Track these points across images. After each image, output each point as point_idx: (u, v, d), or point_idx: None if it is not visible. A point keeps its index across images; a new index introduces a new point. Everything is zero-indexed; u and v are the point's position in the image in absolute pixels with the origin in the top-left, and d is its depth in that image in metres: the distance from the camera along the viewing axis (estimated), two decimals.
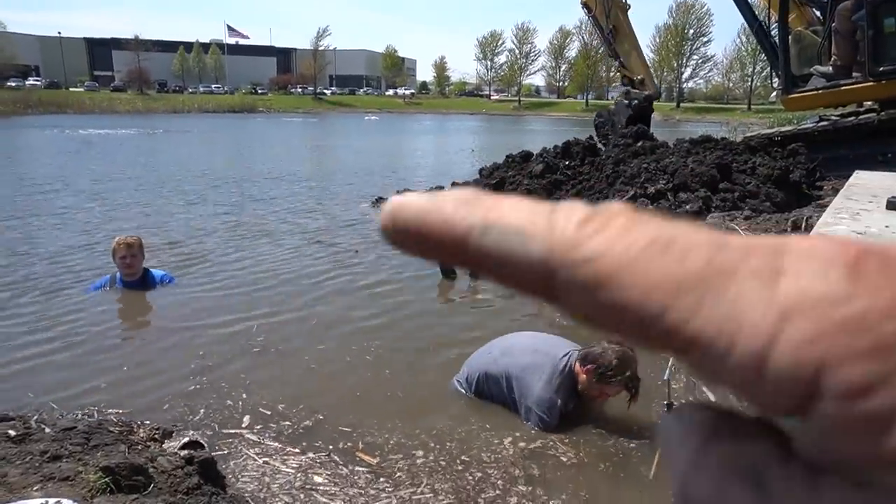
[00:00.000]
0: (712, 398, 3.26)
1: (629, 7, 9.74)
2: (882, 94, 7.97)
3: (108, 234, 6.78)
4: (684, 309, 0.14)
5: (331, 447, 2.82)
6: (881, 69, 7.59)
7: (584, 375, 2.95)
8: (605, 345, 2.95)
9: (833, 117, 9.00)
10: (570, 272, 0.15)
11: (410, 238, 0.18)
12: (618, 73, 9.94)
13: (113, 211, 8.81)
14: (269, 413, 3.12)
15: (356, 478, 2.60)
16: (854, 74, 8.03)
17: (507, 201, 0.17)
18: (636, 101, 9.18)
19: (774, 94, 9.90)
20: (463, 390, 3.30)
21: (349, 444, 2.85)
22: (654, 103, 9.93)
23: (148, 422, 2.83)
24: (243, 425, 2.99)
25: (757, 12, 10.06)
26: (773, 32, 9.31)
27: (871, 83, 7.76)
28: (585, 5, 10.01)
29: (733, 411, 0.17)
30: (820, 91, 8.45)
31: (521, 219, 0.16)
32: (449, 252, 0.17)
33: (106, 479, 1.95)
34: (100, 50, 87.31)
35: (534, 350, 3.11)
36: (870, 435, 0.13)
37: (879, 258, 0.14)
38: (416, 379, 3.58)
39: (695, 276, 0.14)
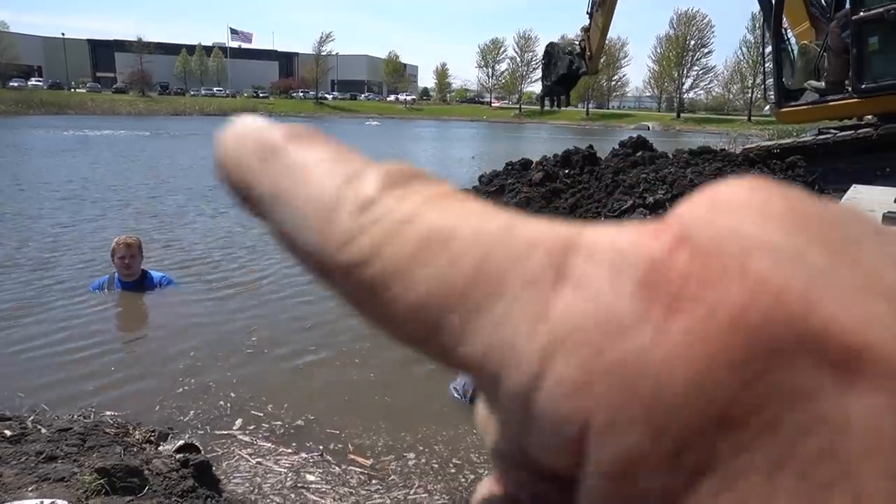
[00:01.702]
0: None
1: None
2: (866, 111, 8.07)
3: (110, 234, 6.80)
4: (451, 330, 0.12)
5: (321, 447, 2.84)
6: (863, 86, 7.68)
7: None
8: None
9: (832, 131, 9.04)
10: (342, 276, 0.13)
11: (223, 177, 0.15)
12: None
13: (114, 213, 8.82)
14: (261, 414, 3.13)
15: (349, 478, 2.61)
16: (846, 90, 8.11)
17: (314, 155, 0.14)
18: (576, 66, 9.19)
19: (768, 106, 10.01)
20: (459, 397, 3.32)
21: (340, 445, 2.87)
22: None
23: (143, 424, 2.84)
24: (235, 426, 3.00)
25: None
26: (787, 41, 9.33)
27: (857, 99, 7.85)
28: None
29: None
30: (811, 106, 8.53)
31: (308, 194, 0.13)
32: (253, 211, 0.15)
33: (101, 481, 1.96)
34: (102, 51, 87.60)
35: None
36: None
37: (706, 244, 0.10)
38: (408, 384, 3.59)
39: (463, 286, 0.12)
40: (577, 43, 9.84)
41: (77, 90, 69.93)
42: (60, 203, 9.34)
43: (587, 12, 9.74)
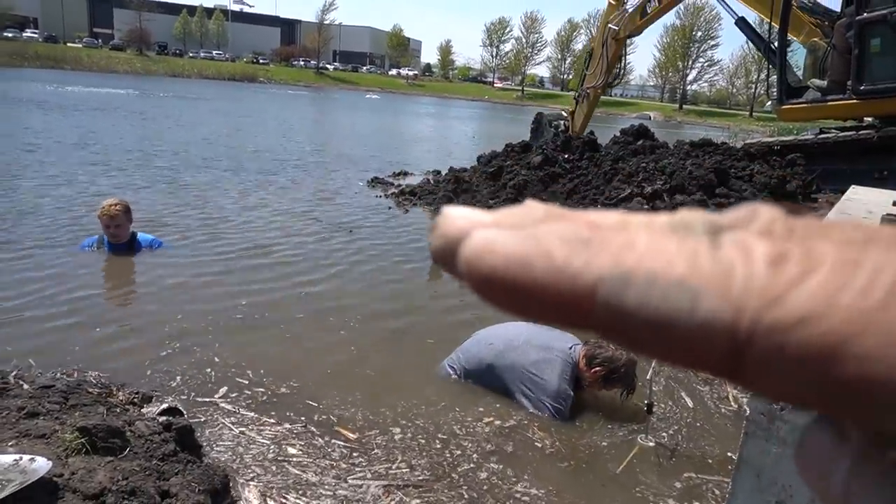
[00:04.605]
0: (690, 403, 3.30)
1: (601, 92, 10.35)
2: (865, 113, 8.07)
3: (104, 193, 6.73)
4: None
5: (303, 418, 2.83)
6: (862, 88, 7.65)
7: (590, 375, 3.03)
8: (611, 346, 3.03)
9: (833, 130, 9.03)
10: (776, 340, 0.11)
11: (503, 294, 0.13)
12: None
13: (113, 173, 8.71)
14: (245, 382, 3.12)
15: (330, 450, 2.61)
16: (847, 91, 8.09)
17: (642, 234, 0.13)
18: (561, 133, 9.88)
19: (769, 102, 10.03)
20: (455, 375, 3.31)
21: (324, 417, 2.86)
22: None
23: (127, 385, 2.82)
24: (219, 393, 2.99)
25: (758, 27, 10.21)
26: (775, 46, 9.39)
27: (855, 101, 7.83)
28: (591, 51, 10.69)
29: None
30: (812, 104, 8.53)
31: (673, 262, 0.12)
32: (565, 313, 0.13)
33: (82, 440, 1.95)
34: (101, 6, 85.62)
35: (539, 346, 3.15)
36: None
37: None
38: (395, 359, 3.58)
39: None
40: (562, 121, 10.72)
41: (72, 44, 68.52)
42: (77, 165, 9.19)
43: (574, 98, 10.83)
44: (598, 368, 3.00)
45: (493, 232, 0.14)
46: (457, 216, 0.15)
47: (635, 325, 0.12)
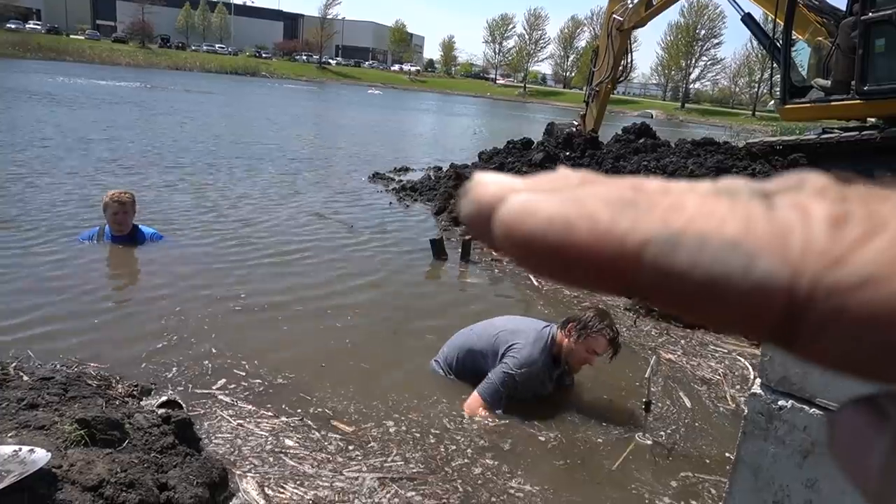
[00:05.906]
0: (688, 402, 3.30)
1: (611, 87, 10.36)
2: (868, 113, 8.04)
3: (101, 185, 6.73)
4: None
5: (300, 410, 2.84)
6: (866, 88, 7.62)
7: (567, 339, 3.03)
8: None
9: (836, 131, 9.01)
10: (838, 302, 0.10)
11: (543, 258, 0.13)
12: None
13: (125, 168, 8.71)
14: (243, 374, 3.12)
15: (327, 444, 2.62)
16: (851, 91, 8.06)
17: (691, 196, 0.12)
18: (568, 133, 9.92)
19: (773, 102, 9.99)
20: (442, 371, 3.32)
21: (320, 409, 2.88)
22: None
23: (126, 378, 2.83)
24: (217, 385, 3.00)
25: (763, 24, 10.17)
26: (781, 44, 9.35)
27: (858, 101, 7.80)
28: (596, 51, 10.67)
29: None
30: (815, 104, 8.49)
31: (725, 222, 0.12)
32: (609, 276, 0.12)
33: (81, 432, 1.95)
34: None
35: (518, 321, 3.25)
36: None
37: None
38: (391, 353, 3.59)
39: None
40: (574, 129, 10.73)
41: (75, 36, 68.39)
42: (91, 161, 9.18)
43: (584, 101, 10.87)
44: (571, 325, 3.02)
45: (532, 195, 0.13)
46: (490, 181, 0.14)
47: (685, 286, 0.11)
